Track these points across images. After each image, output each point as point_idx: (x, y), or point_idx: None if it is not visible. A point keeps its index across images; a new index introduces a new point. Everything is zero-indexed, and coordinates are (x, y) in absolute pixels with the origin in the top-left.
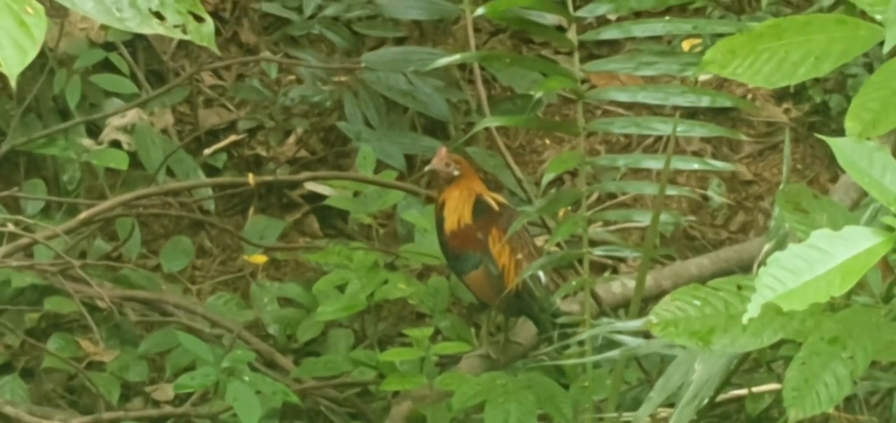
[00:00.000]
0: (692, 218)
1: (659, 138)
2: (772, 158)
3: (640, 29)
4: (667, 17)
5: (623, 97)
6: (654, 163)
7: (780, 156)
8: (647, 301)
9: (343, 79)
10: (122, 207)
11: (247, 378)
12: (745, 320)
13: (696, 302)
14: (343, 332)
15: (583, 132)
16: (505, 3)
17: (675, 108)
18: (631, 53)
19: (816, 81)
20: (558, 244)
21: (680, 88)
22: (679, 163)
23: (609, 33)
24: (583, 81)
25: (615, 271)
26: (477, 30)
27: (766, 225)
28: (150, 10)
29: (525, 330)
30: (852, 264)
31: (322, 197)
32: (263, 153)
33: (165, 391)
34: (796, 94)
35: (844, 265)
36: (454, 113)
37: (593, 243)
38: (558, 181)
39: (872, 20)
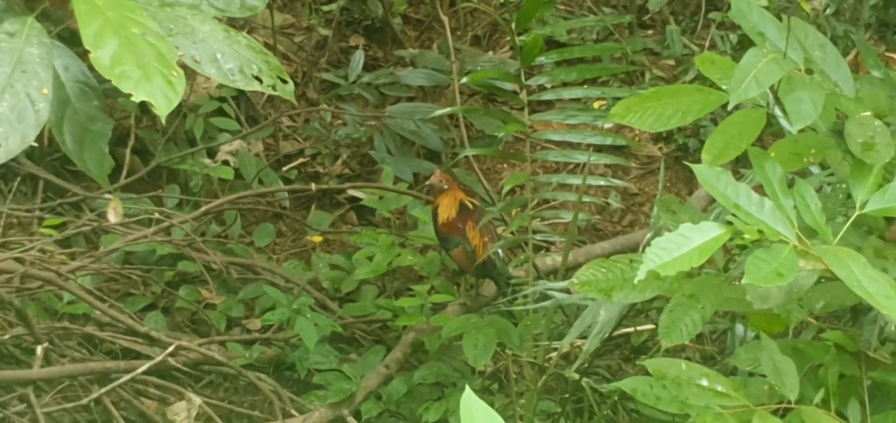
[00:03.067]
0: (598, 217)
1: (577, 164)
2: (650, 179)
3: (568, 93)
4: (585, 86)
5: (555, 137)
6: (575, 180)
7: (656, 178)
8: (569, 270)
9: (373, 123)
10: (230, 204)
11: (308, 316)
12: (635, 281)
13: (603, 270)
14: (371, 287)
15: (529, 159)
16: (480, 76)
17: (589, 145)
18: (560, 109)
19: (680, 129)
20: (512, 232)
21: (593, 132)
22: (591, 180)
23: (546, 96)
24: (530, 127)
25: (547, 251)
26: (461, 92)
27: (646, 223)
28: (252, 75)
29: (488, 287)
30: (706, 246)
31: (358, 199)
32: (320, 170)
33: (255, 323)
34: (667, 137)
35: (701, 247)
36: (445, 146)
37: (534, 232)
38: (512, 191)
39: (720, 89)
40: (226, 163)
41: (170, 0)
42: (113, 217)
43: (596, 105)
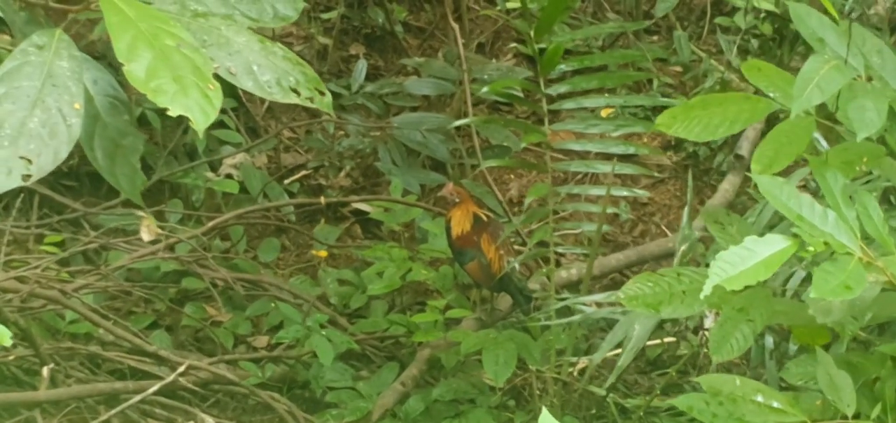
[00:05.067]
0: (609, 227)
1: (586, 174)
2: (660, 188)
3: (589, 101)
4: (606, 94)
5: (576, 147)
6: (596, 190)
7: (665, 186)
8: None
9: (377, 133)
10: (236, 219)
11: (323, 333)
12: (702, 296)
13: (650, 284)
14: (380, 302)
15: (549, 170)
16: (500, 85)
17: (614, 156)
18: (579, 118)
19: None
20: (533, 246)
21: (609, 141)
22: (614, 191)
23: (567, 105)
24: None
25: (558, 263)
26: (465, 101)
27: (657, 233)
28: (290, 87)
29: (503, 301)
30: (771, 259)
31: (364, 212)
32: (324, 182)
33: (261, 340)
34: (676, 145)
35: (766, 260)
36: (452, 157)
37: (555, 245)
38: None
39: (766, 96)
40: (229, 176)
41: (202, 10)
42: (147, 235)
43: (604, 113)
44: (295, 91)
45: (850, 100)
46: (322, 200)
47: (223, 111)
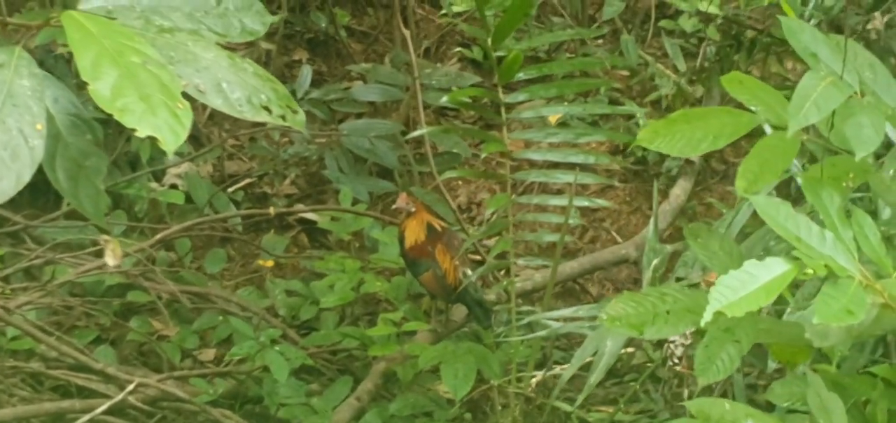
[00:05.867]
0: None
1: (540, 183)
2: (609, 193)
3: (548, 110)
4: (566, 103)
5: (536, 156)
6: (556, 201)
7: (614, 191)
8: (538, 290)
9: (323, 140)
10: (184, 230)
11: (278, 348)
12: (702, 322)
13: (632, 304)
14: (331, 314)
15: (510, 179)
16: (461, 94)
17: (554, 163)
18: (538, 127)
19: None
20: (495, 257)
21: (570, 149)
22: (555, 201)
23: (526, 113)
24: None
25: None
26: (413, 107)
27: (607, 239)
28: (261, 105)
29: (458, 312)
30: (772, 284)
31: (311, 221)
32: (268, 191)
33: (208, 354)
34: (624, 150)
35: (767, 285)
36: (400, 164)
37: (515, 256)
38: (469, 207)
39: (749, 110)
40: (174, 187)
41: (168, 26)
42: (111, 260)
43: (552, 120)
44: (266, 109)
45: (847, 117)
46: (271, 210)
47: None
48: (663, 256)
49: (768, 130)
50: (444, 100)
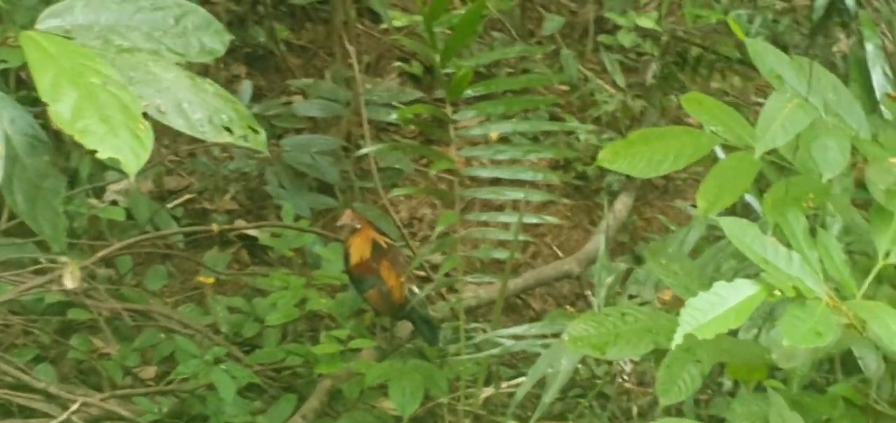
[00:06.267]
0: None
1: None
2: (550, 208)
3: (496, 127)
4: (513, 120)
5: (484, 173)
6: (505, 218)
7: (556, 206)
8: (483, 306)
9: (263, 155)
10: (126, 248)
11: (223, 366)
12: (673, 345)
13: (593, 325)
14: (273, 331)
15: (458, 196)
16: (409, 111)
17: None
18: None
19: (577, 158)
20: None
21: (518, 167)
22: (505, 217)
23: (474, 131)
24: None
25: (455, 289)
26: (356, 123)
27: (549, 254)
28: (222, 125)
29: (402, 329)
30: (742, 306)
31: (251, 237)
32: (208, 206)
33: (149, 372)
34: (565, 166)
35: (736, 307)
36: (342, 180)
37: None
38: (411, 222)
39: (710, 132)
40: (115, 203)
41: (128, 45)
42: (70, 283)
43: (493, 136)
44: (228, 129)
45: (813, 139)
46: (215, 226)
47: None
48: (618, 274)
49: (720, 152)
50: (393, 116)
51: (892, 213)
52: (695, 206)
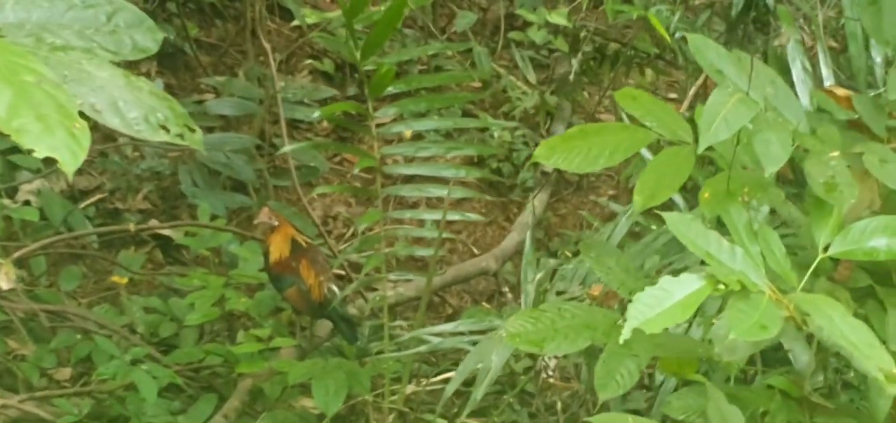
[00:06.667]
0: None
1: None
2: (464, 205)
3: (419, 124)
4: (441, 116)
5: (407, 171)
6: (428, 215)
7: (469, 203)
8: (401, 304)
9: (176, 154)
10: (41, 248)
11: (145, 367)
12: (621, 340)
13: (531, 321)
14: (191, 330)
15: (383, 193)
16: (332, 109)
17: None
18: (410, 141)
19: (492, 155)
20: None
21: (439, 164)
22: (427, 214)
23: (396, 127)
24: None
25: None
26: (272, 121)
27: (464, 251)
28: (159, 124)
29: (322, 327)
30: (688, 300)
31: (165, 236)
32: (120, 206)
33: (64, 373)
34: (479, 162)
35: (683, 301)
36: (258, 178)
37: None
38: (325, 220)
39: (644, 126)
40: (27, 203)
41: (60, 44)
42: (5, 284)
43: (407, 134)
44: (164, 128)
45: (755, 133)
46: (131, 226)
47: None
48: (547, 270)
49: (646, 153)
50: (315, 114)
51: (831, 206)
52: (612, 200)
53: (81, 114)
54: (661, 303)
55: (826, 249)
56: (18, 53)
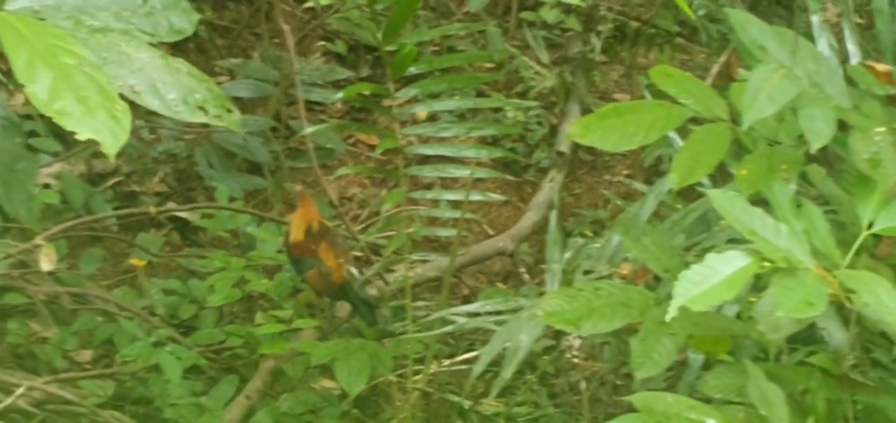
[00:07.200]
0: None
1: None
2: (479, 186)
3: (440, 105)
4: (456, 97)
5: (429, 152)
6: (450, 195)
7: (483, 183)
8: (419, 285)
9: (192, 137)
10: (62, 232)
11: (168, 348)
12: (667, 318)
13: (567, 299)
14: (211, 311)
15: (404, 174)
16: (354, 90)
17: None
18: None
19: (506, 135)
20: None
21: (461, 145)
22: (451, 195)
23: (415, 108)
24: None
25: (392, 270)
26: (289, 103)
27: (480, 232)
28: (197, 105)
29: (341, 308)
30: (734, 277)
31: (182, 218)
32: (137, 189)
33: (85, 355)
34: (494, 142)
35: (729, 278)
36: (274, 159)
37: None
38: (341, 202)
39: (680, 104)
40: (47, 186)
41: (99, 26)
42: (46, 265)
43: (421, 116)
44: (202, 109)
45: (799, 109)
46: (151, 209)
47: (32, 118)
48: (576, 249)
49: (674, 135)
50: (338, 95)
51: (875, 182)
52: (629, 178)
53: (121, 96)
54: (708, 280)
55: (870, 226)
56: (58, 36)
